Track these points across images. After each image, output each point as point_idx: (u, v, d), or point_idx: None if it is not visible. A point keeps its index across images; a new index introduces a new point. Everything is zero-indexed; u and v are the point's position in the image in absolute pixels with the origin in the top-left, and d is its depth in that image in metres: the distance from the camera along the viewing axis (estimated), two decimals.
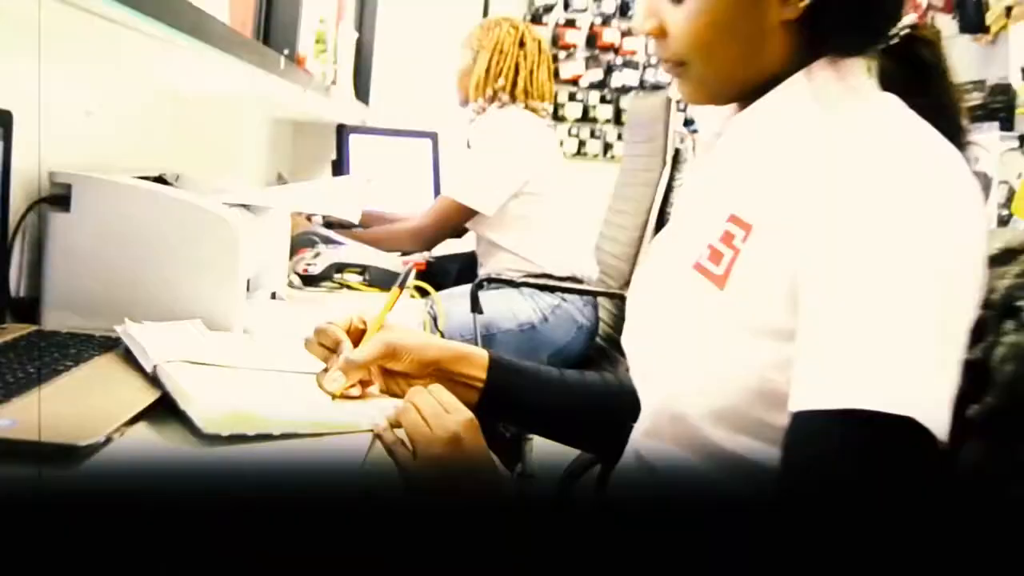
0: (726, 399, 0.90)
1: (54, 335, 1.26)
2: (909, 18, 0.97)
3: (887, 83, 0.97)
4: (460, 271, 3.27)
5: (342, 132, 3.64)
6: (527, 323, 2.79)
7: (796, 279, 0.85)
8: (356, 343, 1.13)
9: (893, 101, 0.93)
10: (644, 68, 4.88)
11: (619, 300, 2.89)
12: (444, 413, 0.99)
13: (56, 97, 1.44)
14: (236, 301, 1.34)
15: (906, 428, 0.75)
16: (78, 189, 1.31)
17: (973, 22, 3.02)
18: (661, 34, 0.98)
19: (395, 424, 1.01)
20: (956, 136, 0.90)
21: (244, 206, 1.45)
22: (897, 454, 0.76)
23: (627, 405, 1.13)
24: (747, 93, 0.98)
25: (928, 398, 0.76)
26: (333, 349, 1.13)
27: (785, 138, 0.94)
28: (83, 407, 1.00)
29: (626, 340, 1.08)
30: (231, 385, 1.09)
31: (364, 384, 1.13)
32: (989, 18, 2.95)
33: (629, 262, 2.88)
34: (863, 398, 0.76)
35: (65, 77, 1.46)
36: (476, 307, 2.64)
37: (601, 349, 3.01)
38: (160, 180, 1.57)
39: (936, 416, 0.76)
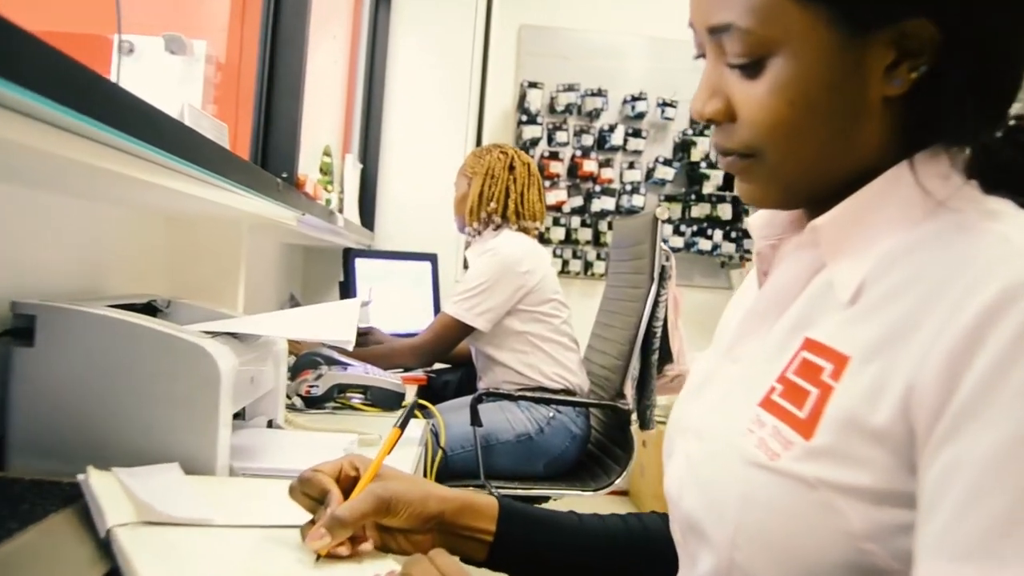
0: (808, 573, 0.61)
1: (14, 484, 0.97)
2: (1016, 106, 0.69)
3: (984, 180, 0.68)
4: (459, 383, 3.03)
5: (348, 255, 3.44)
6: (524, 434, 2.55)
7: (918, 428, 0.56)
8: (349, 491, 0.84)
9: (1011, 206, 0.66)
10: (620, 195, 4.69)
11: (610, 410, 2.67)
12: None
13: (31, 222, 1.17)
14: (218, 441, 1.03)
15: None
16: (42, 320, 1.00)
17: None
18: (728, 117, 0.70)
19: None
20: None
21: (232, 335, 1.16)
22: None
23: (656, 556, 0.85)
24: (824, 194, 0.70)
25: None
26: (320, 500, 0.84)
27: (898, 248, 0.66)
28: None
29: (673, 490, 0.78)
30: (194, 553, 0.78)
31: (355, 540, 0.82)
32: None
33: (619, 374, 2.61)
34: None
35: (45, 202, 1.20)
36: (476, 420, 2.42)
37: (594, 456, 2.77)
38: (149, 307, 1.29)
39: None
